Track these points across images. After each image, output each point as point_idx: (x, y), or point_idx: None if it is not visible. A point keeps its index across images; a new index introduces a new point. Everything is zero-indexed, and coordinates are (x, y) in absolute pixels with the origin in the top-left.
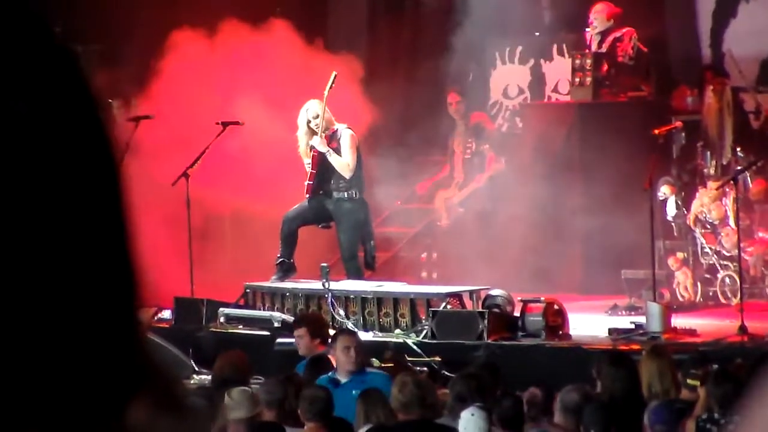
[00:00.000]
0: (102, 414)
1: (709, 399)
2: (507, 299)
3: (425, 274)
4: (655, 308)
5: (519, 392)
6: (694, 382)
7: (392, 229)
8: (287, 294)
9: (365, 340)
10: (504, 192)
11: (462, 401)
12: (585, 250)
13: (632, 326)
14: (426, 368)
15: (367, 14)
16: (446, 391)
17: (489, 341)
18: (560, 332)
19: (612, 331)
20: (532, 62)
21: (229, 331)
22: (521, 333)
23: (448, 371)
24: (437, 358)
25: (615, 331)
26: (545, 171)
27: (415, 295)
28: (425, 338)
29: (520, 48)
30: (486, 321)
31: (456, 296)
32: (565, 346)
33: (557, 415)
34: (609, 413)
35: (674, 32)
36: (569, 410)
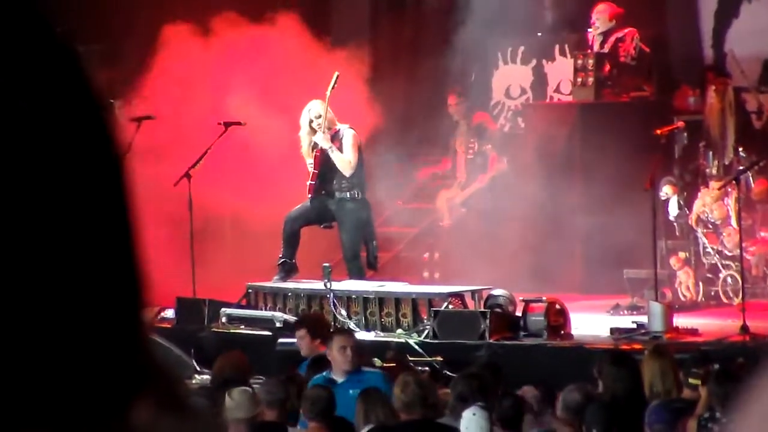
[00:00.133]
0: (105, 414)
1: (711, 398)
2: (509, 299)
3: (427, 274)
4: (657, 308)
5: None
6: (696, 382)
7: (394, 229)
8: (289, 294)
9: (367, 340)
10: (506, 192)
11: (464, 401)
12: (587, 250)
13: (634, 326)
14: (428, 368)
15: (369, 13)
16: (448, 391)
17: (491, 341)
18: (562, 332)
19: (614, 331)
20: (534, 62)
21: (231, 332)
22: (523, 333)
23: (450, 371)
24: (439, 358)
25: (617, 331)
26: (547, 171)
27: (417, 295)
28: (427, 338)
29: (522, 48)
30: (488, 321)
31: (458, 296)
32: (567, 346)
33: (559, 415)
34: (611, 413)
35: (676, 32)
36: (571, 410)
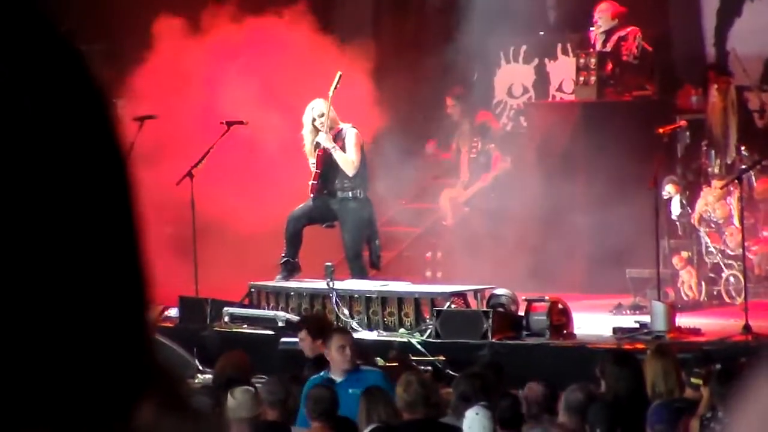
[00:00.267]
0: (107, 414)
1: (713, 398)
2: (511, 298)
3: (430, 274)
4: (660, 307)
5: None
6: (698, 381)
7: (397, 229)
8: (292, 293)
9: (370, 340)
10: (509, 191)
11: (466, 400)
12: (589, 249)
13: (637, 325)
14: (430, 367)
15: (372, 12)
16: (450, 391)
17: (493, 340)
18: (564, 331)
19: (616, 330)
20: (537, 61)
21: (234, 331)
22: (525, 332)
23: (453, 370)
24: (441, 358)
25: (619, 330)
26: (549, 170)
27: (420, 295)
28: (429, 337)
29: (525, 47)
30: (490, 320)
31: (460, 295)
32: (570, 346)
33: (561, 415)
34: (614, 412)
35: (679, 31)
36: (573, 409)
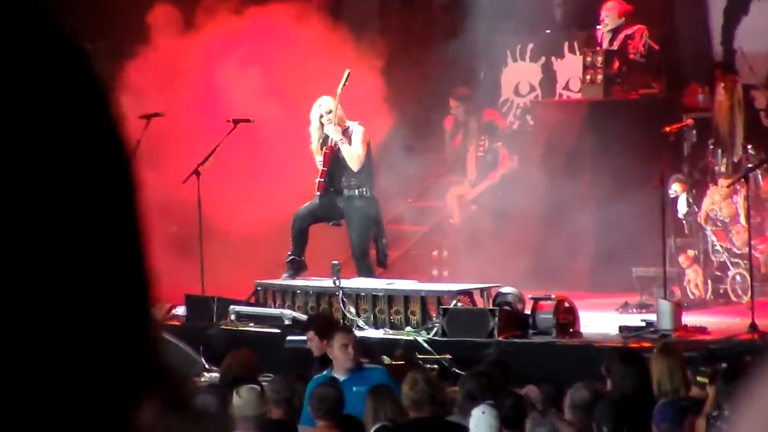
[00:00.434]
0: (109, 414)
1: (719, 397)
2: (518, 297)
3: (436, 272)
4: (666, 306)
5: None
6: (704, 380)
7: (404, 227)
8: (298, 292)
9: (376, 338)
10: (516, 190)
11: (472, 399)
12: (596, 248)
13: (643, 324)
14: (437, 366)
15: (378, 9)
16: (456, 389)
17: (500, 339)
18: (571, 330)
19: (623, 329)
20: (543, 60)
21: (240, 329)
22: (532, 331)
23: (459, 369)
24: (448, 356)
25: (626, 329)
26: (556, 168)
27: (426, 293)
28: (436, 336)
29: (531, 45)
30: (497, 319)
31: (467, 294)
32: (576, 344)
33: (567, 413)
34: (620, 411)
35: (685, 29)
36: (579, 407)
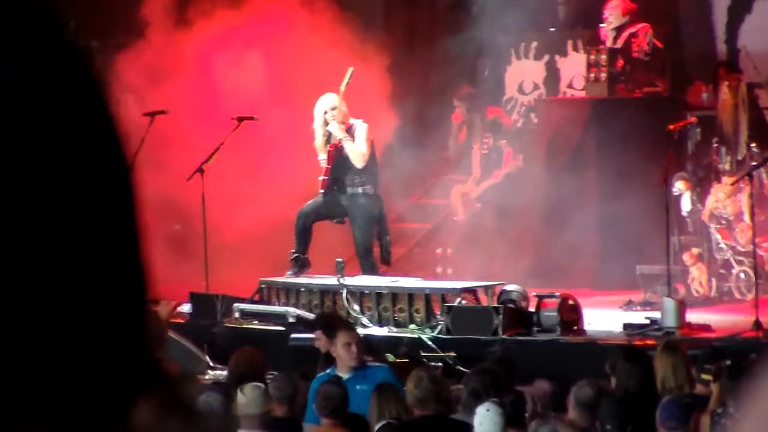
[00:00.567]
0: (106, 414)
1: (723, 394)
2: (522, 294)
3: (440, 270)
4: (670, 304)
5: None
6: (708, 378)
7: (408, 225)
8: (302, 289)
9: (380, 336)
10: (520, 187)
11: (477, 397)
12: (599, 246)
13: (647, 322)
14: (441, 364)
15: (383, 7)
16: (461, 387)
17: (504, 336)
18: (575, 327)
19: (627, 327)
20: (547, 58)
21: (244, 327)
22: (536, 328)
23: (463, 366)
24: (452, 354)
25: (630, 327)
26: (560, 166)
27: (430, 291)
28: (440, 334)
29: (535, 44)
30: (501, 316)
31: (471, 291)
32: (580, 342)
33: (571, 411)
34: (625, 409)
35: (689, 28)
36: (583, 405)
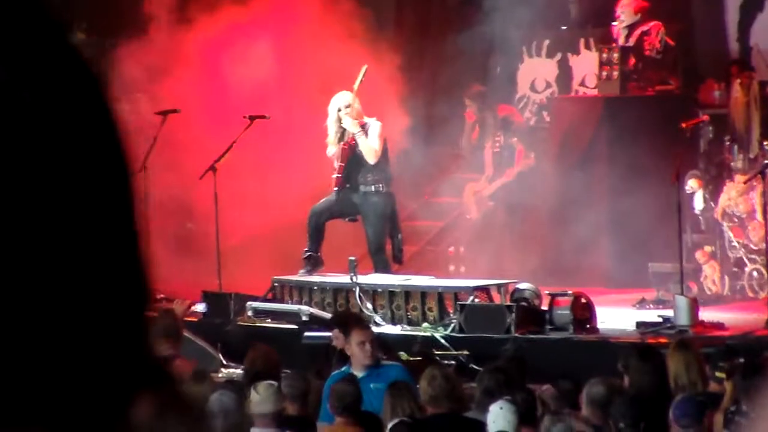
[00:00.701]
0: (106, 412)
1: (737, 392)
2: (535, 293)
3: (453, 268)
4: (683, 302)
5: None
6: (722, 375)
7: (420, 223)
8: (315, 288)
9: (393, 334)
10: (532, 185)
11: (490, 395)
12: (612, 244)
13: (660, 320)
14: (454, 362)
15: (394, 4)
16: (474, 385)
17: (517, 335)
18: (588, 326)
19: (640, 325)
20: (560, 56)
21: (257, 325)
22: (549, 327)
23: (476, 365)
24: (465, 352)
25: (643, 325)
26: (572, 165)
27: (443, 289)
28: (453, 332)
29: (547, 42)
30: (514, 315)
31: (484, 290)
32: (593, 340)
33: (584, 409)
34: (638, 407)
35: (701, 26)
36: (596, 403)
